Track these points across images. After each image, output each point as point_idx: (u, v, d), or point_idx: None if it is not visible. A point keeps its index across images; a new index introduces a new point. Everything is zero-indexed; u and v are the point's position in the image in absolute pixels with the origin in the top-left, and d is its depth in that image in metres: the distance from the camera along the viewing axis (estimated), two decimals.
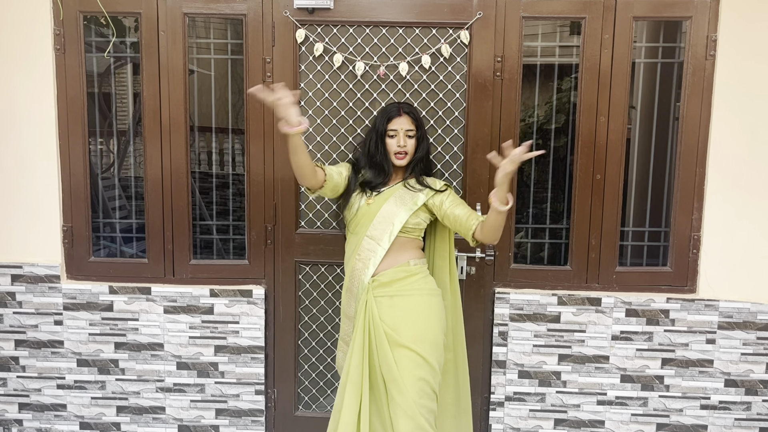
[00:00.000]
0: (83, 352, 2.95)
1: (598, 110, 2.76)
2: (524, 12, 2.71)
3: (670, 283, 2.86)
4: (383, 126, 2.36)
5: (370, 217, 2.33)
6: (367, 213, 2.34)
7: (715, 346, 2.86)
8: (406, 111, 2.37)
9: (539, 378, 2.91)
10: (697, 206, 2.81)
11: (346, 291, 2.43)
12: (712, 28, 2.71)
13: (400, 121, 2.35)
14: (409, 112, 2.37)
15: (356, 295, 2.37)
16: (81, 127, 2.83)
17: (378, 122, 2.38)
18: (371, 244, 2.32)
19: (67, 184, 2.86)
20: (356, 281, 2.36)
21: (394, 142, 2.34)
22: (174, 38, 2.76)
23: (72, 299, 2.91)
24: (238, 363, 2.94)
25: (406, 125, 2.34)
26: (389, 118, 2.36)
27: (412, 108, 2.42)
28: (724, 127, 2.75)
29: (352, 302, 2.40)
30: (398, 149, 2.34)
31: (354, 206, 2.37)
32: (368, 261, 2.32)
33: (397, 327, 2.27)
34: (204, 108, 3.26)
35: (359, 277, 2.35)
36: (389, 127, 2.35)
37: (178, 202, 2.86)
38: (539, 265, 2.94)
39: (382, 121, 2.36)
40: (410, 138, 2.35)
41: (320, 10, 2.73)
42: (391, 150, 2.36)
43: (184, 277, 2.91)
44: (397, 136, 2.34)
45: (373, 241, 2.32)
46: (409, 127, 2.35)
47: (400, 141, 2.33)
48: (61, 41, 2.77)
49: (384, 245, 2.31)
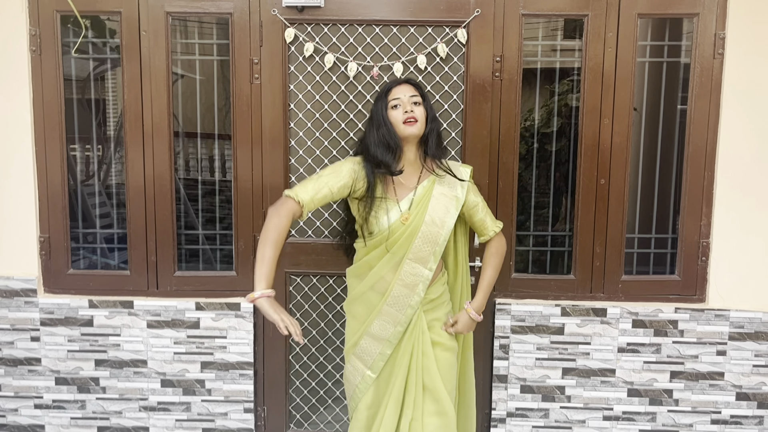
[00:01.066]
0: (62, 370, 2.80)
1: (602, 112, 2.65)
2: (524, 9, 2.59)
3: (678, 292, 2.74)
4: (384, 99, 2.11)
5: (410, 236, 2.11)
6: (403, 232, 2.11)
7: (726, 358, 2.74)
8: (405, 80, 2.16)
9: (542, 393, 2.78)
10: (705, 212, 2.69)
11: (379, 314, 2.17)
12: (720, 25, 2.60)
13: (402, 89, 2.11)
14: (408, 81, 2.16)
15: (399, 321, 2.15)
16: (58, 132, 2.69)
17: (377, 101, 2.13)
18: (417, 269, 2.13)
19: (44, 193, 2.72)
20: (401, 307, 2.14)
21: (400, 111, 2.08)
22: (156, 39, 2.63)
23: (49, 314, 2.76)
24: (225, 380, 2.80)
25: (409, 91, 2.10)
26: (389, 89, 2.12)
27: (412, 78, 2.25)
28: (733, 128, 2.64)
29: (390, 326, 2.16)
30: (406, 115, 2.06)
31: (381, 219, 2.12)
32: (416, 287, 2.14)
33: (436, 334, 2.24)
34: (189, 112, 3.11)
35: (406, 303, 2.14)
36: (391, 97, 2.10)
37: (162, 210, 2.72)
38: (541, 275, 2.81)
39: (382, 96, 2.12)
40: (417, 105, 2.10)
41: (310, 9, 2.60)
42: (397, 121, 2.07)
43: (169, 289, 2.76)
44: (401, 104, 2.08)
45: (419, 265, 2.12)
46: (412, 93, 2.10)
47: (406, 107, 2.07)
48: (37, 42, 2.63)
49: (432, 266, 2.14)
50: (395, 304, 2.15)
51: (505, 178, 2.67)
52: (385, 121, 2.08)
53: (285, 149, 2.68)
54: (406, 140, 2.10)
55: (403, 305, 2.14)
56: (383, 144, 2.07)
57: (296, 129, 2.70)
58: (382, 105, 2.11)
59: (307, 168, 2.72)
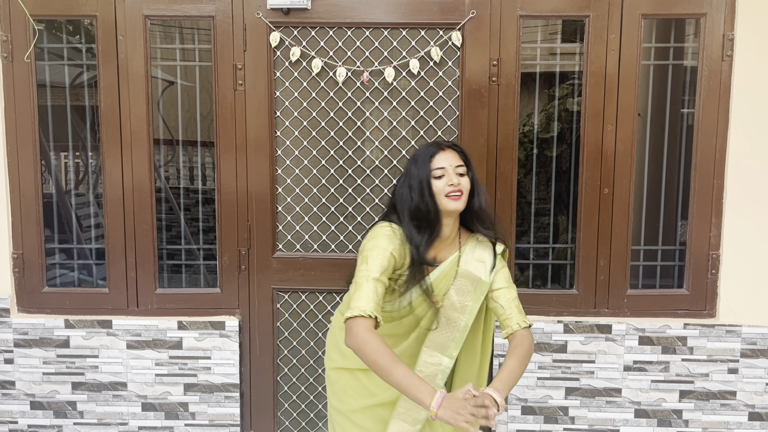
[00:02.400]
0: (37, 394, 2.65)
1: (605, 117, 2.51)
2: (522, 10, 2.46)
3: (687, 307, 2.60)
4: (426, 167, 1.79)
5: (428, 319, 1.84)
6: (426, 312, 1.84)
7: (737, 376, 2.60)
8: (448, 145, 1.84)
9: (544, 414, 2.64)
10: (715, 222, 2.55)
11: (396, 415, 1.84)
12: (729, 26, 2.47)
13: (447, 157, 1.79)
14: (452, 146, 1.84)
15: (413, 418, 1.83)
16: (32, 143, 2.55)
17: (416, 166, 1.81)
18: (436, 357, 1.84)
19: (17, 206, 2.58)
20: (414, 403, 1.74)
21: (443, 182, 1.77)
22: (134, 43, 2.49)
23: (23, 335, 2.61)
24: (210, 403, 2.65)
25: (455, 161, 1.80)
26: (432, 155, 1.80)
27: (455, 144, 1.91)
28: (743, 134, 2.50)
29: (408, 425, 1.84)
30: (451, 188, 1.76)
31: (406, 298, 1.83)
32: (435, 377, 1.83)
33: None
34: (171, 120, 2.98)
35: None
36: (434, 165, 1.78)
37: (141, 224, 2.58)
38: (542, 289, 2.68)
39: (424, 161, 1.80)
40: (462, 176, 1.80)
41: (296, 11, 2.47)
42: (440, 192, 1.77)
43: (149, 308, 2.62)
44: (446, 174, 1.78)
45: (438, 353, 1.84)
46: (458, 163, 1.80)
47: (451, 179, 1.77)
48: (9, 48, 2.49)
49: (453, 354, 1.84)
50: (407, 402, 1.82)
51: (503, 188, 2.53)
52: (429, 191, 1.78)
53: (271, 159, 2.55)
54: (446, 215, 1.81)
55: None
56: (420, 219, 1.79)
57: (283, 137, 2.56)
58: (425, 173, 1.79)
59: (294, 179, 2.58)
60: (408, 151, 2.56)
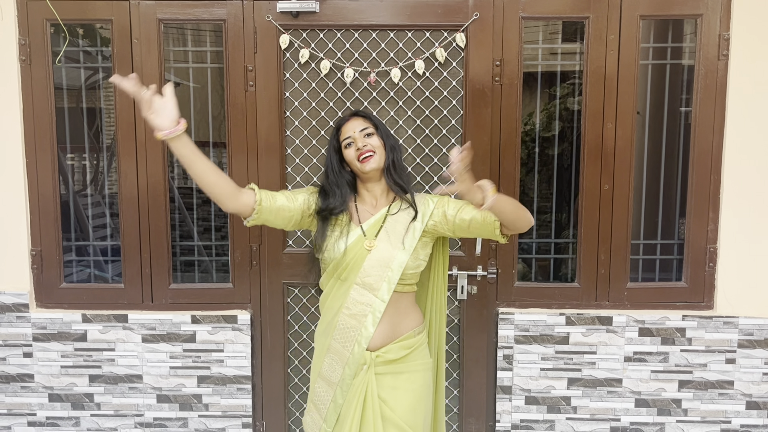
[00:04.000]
0: (55, 386, 2.73)
1: (605, 116, 2.59)
2: (524, 12, 2.54)
3: (685, 299, 2.68)
4: (335, 139, 1.96)
5: (360, 259, 1.90)
6: (355, 255, 1.90)
7: (735, 366, 2.68)
8: (353, 113, 1.99)
9: (548, 404, 2.71)
10: (712, 216, 2.63)
11: (327, 350, 1.96)
12: (725, 26, 2.54)
13: (351, 125, 1.93)
14: (356, 113, 1.99)
15: (346, 361, 1.91)
16: (50, 143, 2.63)
17: (329, 142, 2.00)
18: (366, 297, 1.89)
19: (36, 205, 2.66)
20: (348, 343, 1.90)
21: (353, 149, 1.91)
22: (149, 46, 2.57)
23: (42, 329, 2.69)
24: (223, 394, 2.73)
25: (360, 125, 1.92)
26: (338, 127, 1.97)
27: (362, 110, 2.04)
28: (739, 131, 2.58)
29: (338, 367, 1.92)
30: (357, 152, 1.89)
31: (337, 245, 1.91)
32: (364, 318, 1.89)
33: (396, 406, 1.90)
34: None
35: (353, 338, 1.89)
36: (342, 136, 1.94)
37: (156, 221, 2.66)
38: (545, 283, 2.75)
39: (333, 136, 1.98)
40: (370, 136, 1.92)
41: (305, 14, 2.54)
42: (353, 159, 1.91)
43: (164, 302, 2.70)
44: (353, 141, 1.91)
45: (368, 292, 1.89)
46: (363, 126, 1.92)
47: (358, 143, 1.90)
48: (27, 51, 2.57)
49: (383, 296, 1.88)
50: (341, 337, 1.92)
51: (506, 186, 2.61)
52: (333, 167, 1.95)
53: (281, 158, 2.62)
54: (367, 176, 1.93)
55: (350, 340, 1.90)
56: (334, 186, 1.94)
57: (292, 137, 2.64)
58: (336, 145, 1.96)
59: (303, 176, 2.66)
60: (414, 150, 2.63)
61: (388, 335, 1.92)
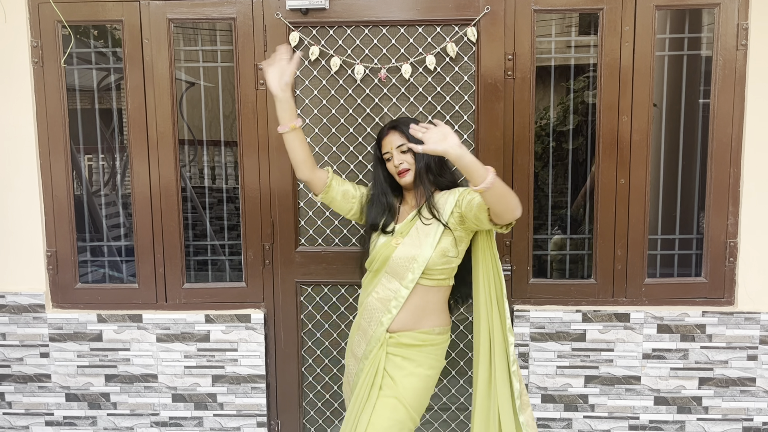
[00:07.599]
0: (72, 386, 2.75)
1: (620, 109, 2.54)
2: (536, 5, 2.50)
3: (705, 295, 2.62)
4: (378, 151, 2.17)
5: (388, 255, 2.07)
6: (388, 252, 2.07)
7: (757, 363, 2.62)
8: (391, 127, 2.12)
9: (564, 402, 2.68)
10: (732, 210, 2.57)
11: (357, 328, 2.18)
12: (743, 15, 2.48)
13: (389, 140, 2.11)
14: (393, 127, 2.11)
15: (369, 338, 2.09)
16: (63, 145, 2.64)
17: (375, 152, 2.20)
18: (393, 284, 2.06)
19: (50, 206, 2.67)
20: (373, 322, 2.09)
21: (392, 164, 2.11)
22: (159, 46, 2.57)
23: (58, 329, 2.71)
24: (237, 393, 2.73)
25: (396, 141, 2.09)
26: (378, 142, 2.16)
27: (398, 121, 2.13)
28: (759, 122, 2.52)
29: (363, 343, 2.13)
30: (396, 169, 2.09)
31: (374, 242, 2.14)
32: (389, 302, 2.06)
33: (398, 382, 2.02)
34: (195, 120, 3.06)
35: (376, 318, 2.07)
36: (382, 150, 2.14)
37: (169, 221, 2.66)
38: (561, 279, 2.71)
39: (376, 148, 2.18)
40: (405, 153, 2.08)
41: (315, 11, 2.53)
42: (393, 173, 2.13)
43: (178, 302, 2.71)
44: (391, 157, 2.10)
45: (394, 279, 2.06)
46: (399, 143, 2.08)
47: (395, 161, 2.08)
48: (39, 53, 2.59)
49: (408, 284, 2.03)
50: (368, 317, 2.11)
51: (520, 180, 2.57)
52: (378, 177, 2.17)
53: None
54: (404, 188, 2.16)
55: (374, 320, 2.09)
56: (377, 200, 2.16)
57: (304, 134, 2.62)
58: (376, 156, 2.18)
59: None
60: None
61: (408, 324, 2.06)
